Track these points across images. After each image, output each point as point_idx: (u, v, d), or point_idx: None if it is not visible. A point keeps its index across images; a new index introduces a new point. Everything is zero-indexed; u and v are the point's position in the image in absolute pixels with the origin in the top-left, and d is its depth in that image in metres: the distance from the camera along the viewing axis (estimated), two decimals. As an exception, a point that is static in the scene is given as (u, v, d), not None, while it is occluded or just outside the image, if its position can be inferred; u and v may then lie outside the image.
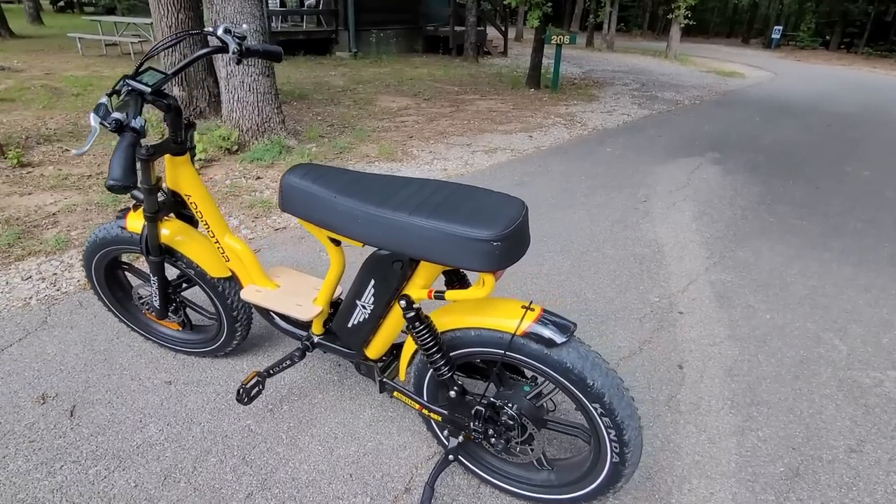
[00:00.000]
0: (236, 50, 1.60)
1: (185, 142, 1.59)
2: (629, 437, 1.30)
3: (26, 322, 2.34)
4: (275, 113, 4.80)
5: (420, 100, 7.78)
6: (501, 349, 1.30)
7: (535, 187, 4.28)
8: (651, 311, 2.64)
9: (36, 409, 1.86)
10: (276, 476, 1.66)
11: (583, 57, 15.24)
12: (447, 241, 1.17)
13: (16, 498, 1.55)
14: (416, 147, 5.26)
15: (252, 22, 4.40)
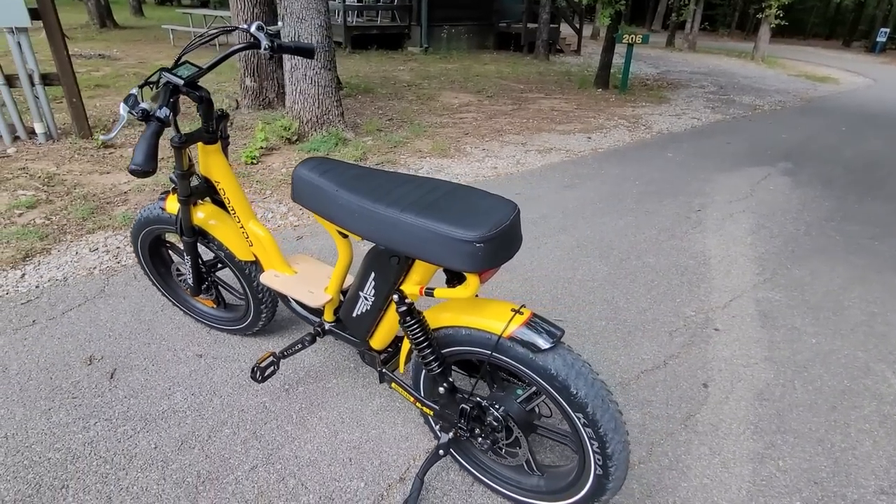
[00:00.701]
0: (268, 46, 1.69)
1: (216, 131, 1.69)
2: (612, 451, 1.28)
3: (87, 289, 2.57)
4: (334, 105, 4.96)
5: (483, 97, 7.78)
6: (489, 350, 1.31)
7: (584, 190, 4.19)
8: (684, 324, 2.53)
9: (83, 370, 2.05)
10: (281, 452, 1.75)
11: (661, 57, 14.65)
12: (433, 239, 1.19)
13: (53, 447, 1.72)
14: (470, 144, 5.28)
15: (317, 17, 4.57)
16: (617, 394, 2.07)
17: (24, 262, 2.77)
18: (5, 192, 3.55)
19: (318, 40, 4.64)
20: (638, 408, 2.01)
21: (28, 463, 1.66)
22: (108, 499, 1.56)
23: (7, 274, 2.67)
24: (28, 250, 2.87)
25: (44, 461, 1.67)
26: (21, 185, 3.67)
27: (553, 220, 3.60)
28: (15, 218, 3.23)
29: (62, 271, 2.72)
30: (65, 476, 1.62)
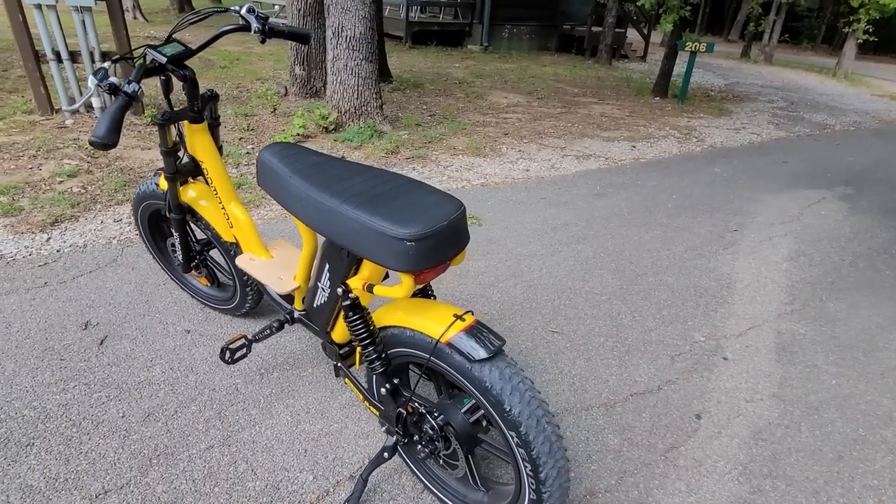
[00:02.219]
0: (258, 29, 1.69)
1: (201, 111, 1.71)
2: (546, 476, 1.19)
3: (101, 257, 2.68)
4: (373, 98, 4.99)
5: (533, 98, 7.64)
6: (427, 354, 1.25)
7: (615, 199, 4.02)
8: (690, 349, 2.37)
9: (76, 333, 2.14)
10: (240, 436, 1.75)
11: (732, 68, 13.94)
12: (366, 234, 1.15)
13: (30, 404, 1.79)
14: (507, 145, 5.19)
15: (361, 8, 4.60)
16: (598, 415, 1.96)
17: (52, 227, 2.92)
18: (53, 160, 3.77)
19: (361, 31, 4.67)
20: (617, 432, 1.89)
21: (3, 417, 1.73)
22: (67, 461, 1.61)
23: (35, 236, 2.82)
24: (58, 216, 3.02)
25: (18, 417, 1.74)
26: (68, 154, 3.88)
27: (574, 228, 3.47)
28: (55, 185, 3.42)
29: (84, 238, 2.85)
30: (33, 434, 1.69)
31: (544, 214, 3.64)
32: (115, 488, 1.54)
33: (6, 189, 3.24)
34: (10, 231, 2.84)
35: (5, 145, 3.94)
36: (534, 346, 2.31)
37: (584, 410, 1.99)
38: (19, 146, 3.95)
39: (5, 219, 2.96)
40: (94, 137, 1.28)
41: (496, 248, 3.12)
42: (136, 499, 1.52)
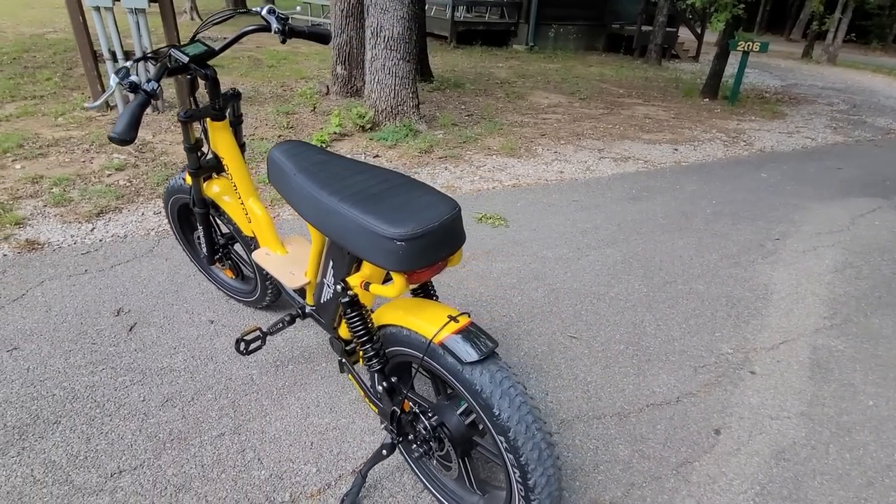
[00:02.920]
0: (278, 29, 1.73)
1: (223, 109, 1.76)
2: (534, 483, 1.17)
3: (139, 248, 2.81)
4: (409, 97, 5.03)
5: (575, 99, 7.52)
6: (421, 353, 1.25)
7: (650, 204, 3.91)
8: (715, 362, 2.28)
9: (109, 319, 2.25)
10: (251, 425, 1.80)
11: (792, 69, 13.31)
12: (360, 233, 1.16)
13: (60, 385, 1.90)
14: (543, 146, 5.12)
15: (400, 9, 4.64)
16: (610, 424, 1.91)
17: (97, 218, 3.08)
18: (104, 154, 3.97)
19: (399, 31, 4.71)
20: (629, 443, 1.84)
21: (36, 395, 1.84)
22: (88, 440, 1.69)
23: (81, 226, 2.98)
24: (104, 207, 3.19)
25: (49, 396, 1.84)
26: (118, 149, 4.08)
27: (604, 232, 3.39)
28: (104, 178, 3.60)
29: (125, 229, 2.99)
30: (60, 413, 1.78)
31: (574, 217, 3.58)
32: (130, 469, 1.61)
33: (59, 181, 3.44)
34: (59, 220, 3.02)
35: (63, 140, 4.19)
36: (550, 351, 2.27)
37: (596, 419, 1.94)
38: (75, 141, 4.18)
39: (56, 209, 3.14)
40: (114, 133, 1.34)
41: (521, 250, 3.09)
42: (147, 480, 1.58)
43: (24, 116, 4.66)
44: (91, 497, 1.52)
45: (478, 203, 3.69)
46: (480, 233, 3.25)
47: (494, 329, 2.38)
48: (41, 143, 4.09)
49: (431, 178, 4.09)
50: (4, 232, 2.84)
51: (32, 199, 3.23)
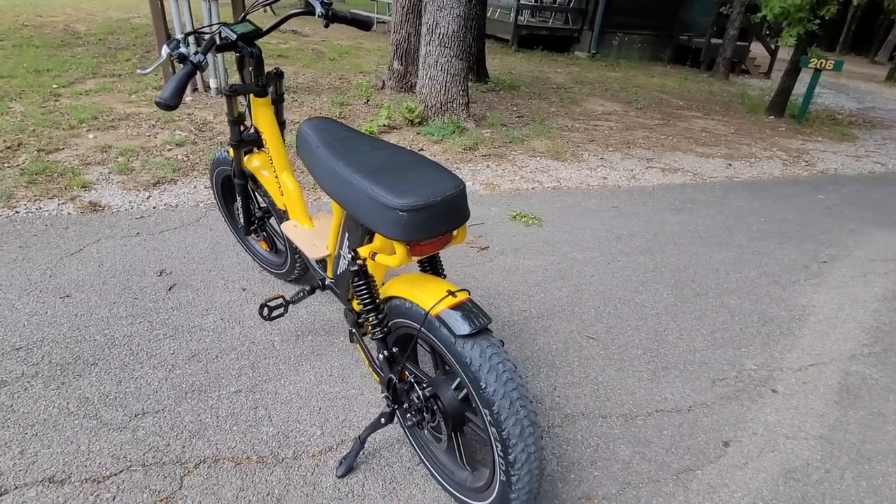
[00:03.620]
0: (321, 13, 1.82)
1: (265, 86, 1.87)
2: (515, 458, 1.20)
3: (187, 217, 2.99)
4: (460, 95, 5.09)
5: (631, 108, 7.39)
6: (419, 324, 1.31)
7: (692, 216, 3.82)
8: (736, 376, 2.23)
9: (152, 279, 2.42)
10: (266, 386, 1.90)
11: (873, 92, 12.56)
12: (367, 202, 1.22)
13: (102, 332, 2.06)
14: (590, 151, 5.08)
15: (457, 7, 4.72)
16: (615, 425, 1.90)
17: (154, 187, 3.30)
18: (168, 130, 4.24)
19: (454, 29, 4.79)
20: (631, 445, 1.83)
21: (79, 338, 2.01)
22: (119, 383, 1.84)
23: (139, 193, 3.20)
24: (161, 178, 3.41)
25: (91, 340, 2.01)
26: (181, 127, 4.34)
27: (640, 239, 3.35)
28: (164, 151, 3.85)
29: (177, 199, 3.20)
30: (99, 356, 1.94)
31: (611, 223, 3.54)
32: (152, 412, 1.74)
33: (125, 151, 3.70)
34: (120, 187, 3.25)
35: (133, 115, 4.49)
36: (564, 349, 2.27)
37: (601, 417, 1.94)
38: (143, 116, 4.48)
39: (119, 176, 3.38)
40: (160, 99, 1.46)
41: (551, 249, 3.09)
42: (166, 423, 1.71)
43: (102, 92, 5.02)
44: (115, 432, 1.66)
45: (514, 202, 3.71)
46: (512, 230, 3.27)
47: (512, 323, 2.40)
48: (114, 116, 4.40)
49: (472, 174, 4.14)
50: (71, 193, 3.09)
51: (100, 166, 3.49)
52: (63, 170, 3.34)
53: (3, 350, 1.93)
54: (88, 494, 1.47)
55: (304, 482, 1.57)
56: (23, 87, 4.86)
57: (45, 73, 5.40)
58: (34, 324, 2.07)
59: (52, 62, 5.79)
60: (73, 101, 4.69)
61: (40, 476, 1.51)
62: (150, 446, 1.63)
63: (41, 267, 2.42)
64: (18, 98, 4.61)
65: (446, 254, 2.90)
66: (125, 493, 1.49)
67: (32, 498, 1.45)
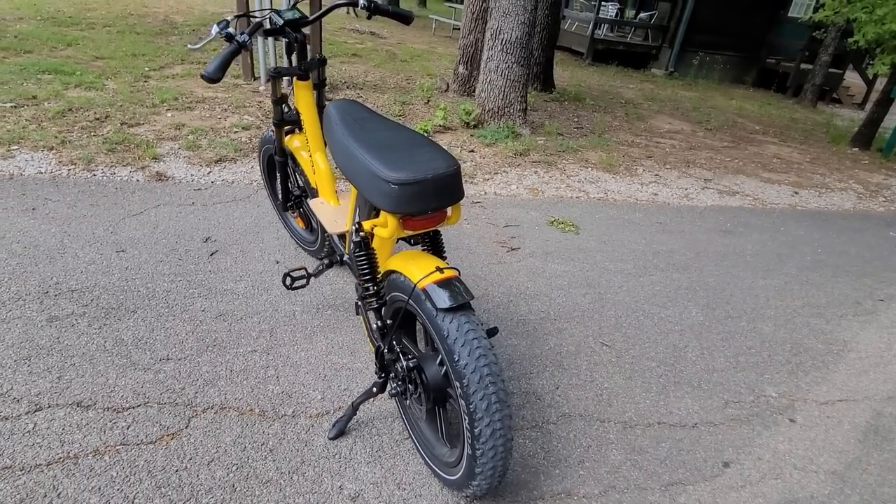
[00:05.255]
0: (364, 5, 1.93)
1: (307, 71, 2.00)
2: (480, 432, 1.25)
3: (239, 193, 3.21)
4: (518, 101, 5.13)
5: (700, 128, 7.15)
6: (407, 296, 1.37)
7: (741, 239, 3.67)
8: (752, 400, 2.15)
9: (197, 244, 2.62)
10: (280, 350, 2.03)
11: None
12: (366, 175, 1.31)
13: (146, 285, 2.27)
14: (646, 167, 4.98)
15: (522, 14, 4.78)
16: (611, 430, 1.89)
17: (215, 164, 3.56)
18: (237, 115, 4.54)
19: (518, 36, 4.85)
20: (624, 451, 1.82)
21: (125, 288, 2.22)
22: (152, 330, 2.02)
23: (201, 168, 3.46)
24: (223, 157, 3.66)
25: (135, 291, 2.22)
26: (250, 112, 4.64)
27: (679, 257, 3.27)
28: (231, 133, 4.13)
29: (234, 177, 3.43)
30: (139, 305, 2.14)
31: (652, 238, 3.47)
32: (175, 359, 1.91)
33: (195, 130, 4.01)
34: (186, 161, 3.52)
35: (209, 99, 4.84)
36: (575, 352, 2.27)
37: (599, 421, 1.93)
38: (218, 101, 4.82)
39: (186, 152, 3.67)
40: (204, 72, 1.62)
41: (583, 257, 3.08)
42: (185, 370, 1.86)
43: (186, 77, 5.43)
44: (140, 372, 1.83)
45: (555, 208, 3.71)
46: (547, 235, 3.28)
47: (527, 321, 2.42)
48: (192, 99, 4.76)
49: (518, 178, 4.17)
50: (143, 163, 3.39)
51: (171, 141, 3.80)
52: (139, 142, 3.66)
53: (60, 290, 2.16)
54: (107, 421, 1.64)
55: (297, 439, 1.67)
56: (119, 68, 5.35)
57: (140, 57, 5.91)
58: (90, 271, 2.30)
59: (147, 48, 6.32)
60: (160, 83, 5.11)
61: (71, 399, 1.69)
62: (167, 388, 1.78)
63: (105, 224, 2.67)
64: (113, 77, 5.07)
65: (475, 249, 2.96)
66: (139, 424, 1.64)
67: (61, 417, 1.63)
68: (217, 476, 1.52)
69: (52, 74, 4.79)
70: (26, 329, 1.94)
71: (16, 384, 1.71)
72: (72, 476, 1.46)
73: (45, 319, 2.00)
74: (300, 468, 1.58)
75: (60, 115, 3.90)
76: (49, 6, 8.11)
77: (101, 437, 1.58)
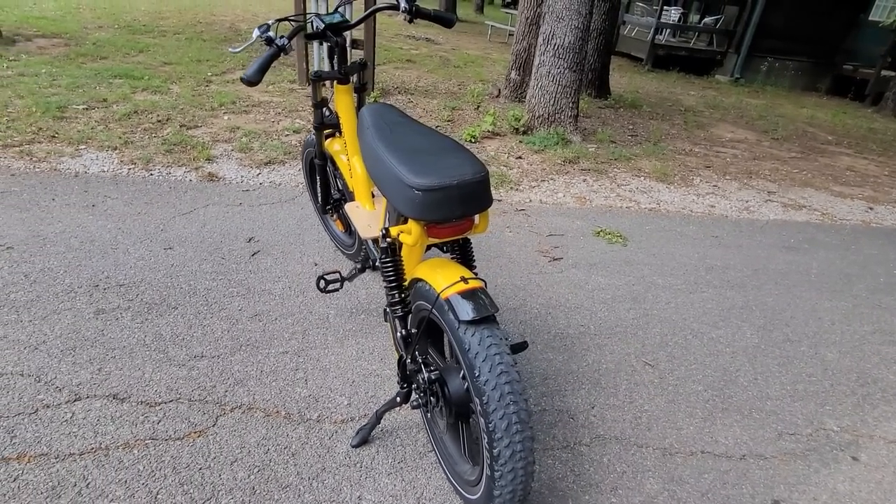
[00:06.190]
0: (406, 9, 1.91)
1: (347, 74, 2.00)
2: (499, 453, 1.18)
3: (285, 195, 3.27)
4: (569, 107, 5.01)
5: (766, 138, 6.78)
6: (430, 305, 1.33)
7: (806, 257, 3.42)
8: (810, 434, 1.97)
9: (240, 244, 2.68)
10: (311, 352, 2.03)
11: None
12: (392, 179, 1.27)
13: (188, 282, 2.33)
14: (703, 178, 4.74)
15: (576, 19, 4.66)
16: (649, 456, 1.78)
17: (265, 167, 3.65)
18: (289, 119, 4.65)
19: (571, 41, 4.74)
20: (662, 481, 1.70)
21: (169, 285, 2.29)
22: (190, 327, 2.07)
23: (251, 170, 3.56)
24: (272, 159, 3.75)
25: (177, 287, 2.28)
26: (302, 116, 4.74)
27: (734, 273, 3.07)
28: (282, 137, 4.23)
29: (281, 179, 3.50)
30: (179, 301, 2.20)
31: (705, 253, 3.29)
32: (208, 356, 1.94)
33: (249, 133, 4.13)
34: (237, 163, 3.63)
35: (265, 103, 4.98)
36: (615, 370, 2.16)
37: (636, 446, 1.82)
38: (273, 105, 4.95)
39: (239, 154, 3.78)
40: (244, 75, 1.64)
41: (629, 270, 2.94)
42: (218, 368, 1.89)
43: (244, 81, 5.62)
44: (175, 367, 1.87)
45: (602, 218, 3.58)
46: (592, 245, 3.16)
47: (565, 335, 2.33)
48: (249, 103, 4.92)
49: (566, 186, 4.06)
50: (197, 163, 3.51)
51: (225, 143, 3.92)
52: (195, 143, 3.79)
53: (109, 285, 2.25)
54: (140, 414, 1.67)
55: (320, 444, 1.66)
56: (183, 73, 5.60)
57: (204, 63, 6.17)
58: (138, 267, 2.39)
59: (212, 54, 6.60)
60: (220, 87, 5.30)
61: (108, 391, 1.74)
62: (199, 385, 1.81)
63: (156, 221, 2.77)
64: (178, 81, 5.31)
65: (515, 257, 2.89)
66: (169, 419, 1.67)
67: (98, 407, 1.68)
68: (238, 477, 1.52)
69: (123, 79, 5.06)
70: (75, 321, 2.02)
71: (59, 373, 1.78)
72: (101, 467, 1.50)
73: (92, 312, 2.08)
74: (320, 475, 1.56)
75: (126, 117, 4.10)
76: (126, 15, 8.62)
77: (132, 431, 1.62)
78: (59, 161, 3.31)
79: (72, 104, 4.22)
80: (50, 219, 2.67)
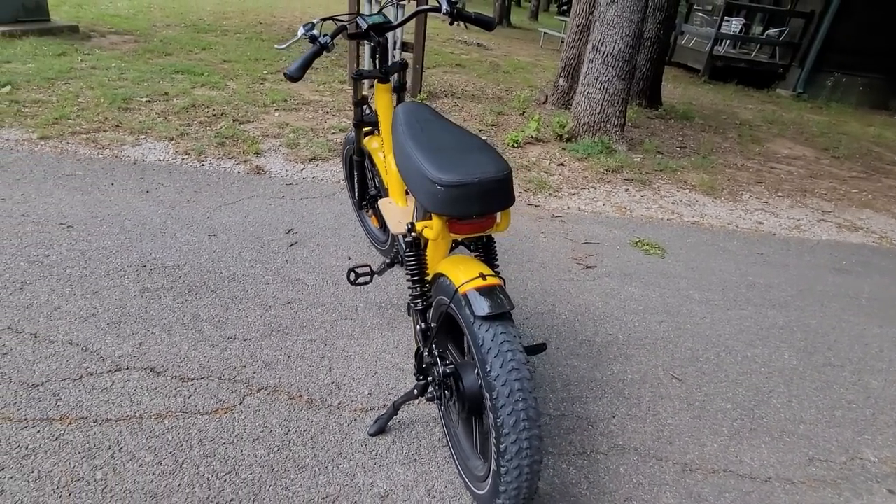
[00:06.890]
0: (447, 11, 1.95)
1: (388, 73, 2.06)
2: (506, 449, 1.20)
3: (326, 190, 3.37)
4: (615, 115, 4.95)
5: (826, 155, 6.49)
6: (449, 300, 1.35)
7: (857, 280, 3.26)
8: (844, 462, 1.89)
9: (280, 234, 2.78)
10: (337, 342, 2.09)
11: None
12: (417, 175, 1.30)
13: (228, 268, 2.44)
14: (753, 193, 4.58)
15: (627, 27, 4.60)
16: (668, 470, 1.74)
17: (310, 162, 3.76)
18: (337, 117, 4.78)
19: (621, 49, 4.68)
20: (679, 496, 1.66)
21: (210, 269, 2.40)
22: (226, 310, 2.16)
23: (296, 165, 3.68)
24: (317, 156, 3.87)
25: (217, 272, 2.39)
26: (349, 115, 4.86)
27: (777, 292, 2.96)
28: (328, 134, 4.35)
29: (324, 174, 3.60)
30: (218, 285, 2.30)
31: (748, 270, 3.18)
32: (241, 339, 2.02)
33: (296, 130, 4.27)
34: (283, 158, 3.76)
35: (314, 101, 5.14)
36: (640, 381, 2.13)
37: (655, 459, 1.79)
38: (322, 104, 5.10)
39: (286, 149, 3.91)
40: (287, 71, 1.71)
41: (665, 282, 2.88)
42: (249, 349, 1.97)
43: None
44: (209, 347, 1.96)
45: (642, 229, 3.51)
46: (628, 256, 3.11)
47: (591, 343, 2.31)
48: (299, 101, 5.08)
49: (607, 195, 4.00)
50: (246, 156, 3.66)
51: (274, 138, 4.07)
52: (246, 137, 3.95)
53: (155, 266, 2.38)
54: (173, 388, 1.77)
55: (338, 430, 1.71)
56: (241, 71, 5.83)
57: (261, 62, 6.41)
58: (183, 251, 2.51)
59: (269, 53, 6.85)
60: (274, 85, 5.50)
61: (146, 364, 1.84)
62: (229, 365, 1.89)
63: (204, 209, 2.91)
64: (235, 79, 5.54)
65: (548, 263, 2.88)
66: (199, 394, 1.76)
67: (136, 378, 1.78)
68: (259, 454, 1.59)
69: (185, 74, 5.32)
70: (122, 297, 2.15)
71: (104, 345, 1.90)
72: (134, 434, 1.59)
73: (138, 290, 2.21)
74: (336, 459, 1.61)
75: (184, 111, 4.32)
76: (193, 15, 9.05)
77: (164, 403, 1.71)
78: (120, 149, 3.52)
79: (136, 97, 4.47)
80: (108, 202, 2.85)
